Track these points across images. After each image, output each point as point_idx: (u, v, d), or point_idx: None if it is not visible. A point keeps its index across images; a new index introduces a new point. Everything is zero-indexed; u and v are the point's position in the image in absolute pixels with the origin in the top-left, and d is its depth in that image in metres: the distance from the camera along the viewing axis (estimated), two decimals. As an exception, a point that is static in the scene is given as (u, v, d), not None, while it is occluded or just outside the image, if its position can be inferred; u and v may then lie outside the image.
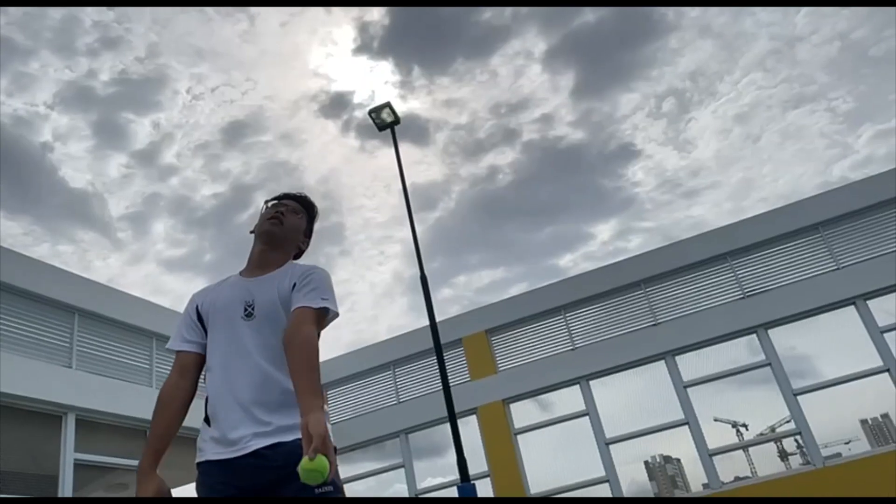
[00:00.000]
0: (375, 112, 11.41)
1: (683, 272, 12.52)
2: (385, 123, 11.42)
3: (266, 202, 2.43)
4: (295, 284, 2.12)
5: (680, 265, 12.50)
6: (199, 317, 2.23)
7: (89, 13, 20.37)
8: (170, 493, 1.97)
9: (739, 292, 12.00)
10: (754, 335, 11.57)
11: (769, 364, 11.25)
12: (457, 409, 9.61)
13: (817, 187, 26.22)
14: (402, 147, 11.53)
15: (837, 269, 11.48)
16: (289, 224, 2.31)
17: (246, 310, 2.11)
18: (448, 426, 9.44)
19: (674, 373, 11.80)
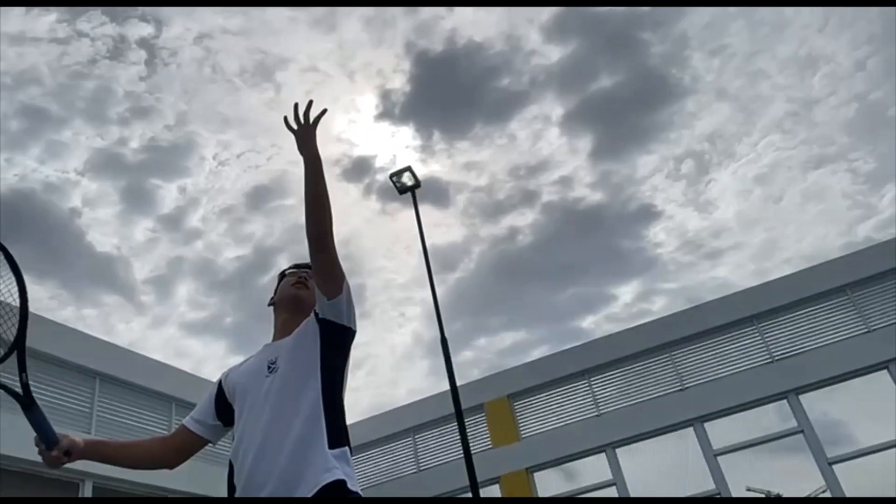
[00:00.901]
0: (396, 176, 11.56)
1: (709, 335, 12.28)
2: (406, 187, 11.55)
3: (283, 272, 2.42)
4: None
5: (706, 328, 12.28)
6: (221, 394, 2.19)
7: (122, 83, 21.33)
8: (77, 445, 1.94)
9: (768, 356, 11.71)
10: (784, 401, 11.23)
11: (801, 431, 10.87)
12: (479, 479, 9.34)
13: (842, 248, 25.76)
14: (423, 209, 11.64)
15: (868, 331, 11.19)
16: (313, 287, 2.25)
17: (269, 367, 2.08)
18: (470, 496, 9.16)
19: (703, 440, 11.44)
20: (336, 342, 2.09)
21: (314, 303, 2.16)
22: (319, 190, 2.03)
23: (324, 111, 2.17)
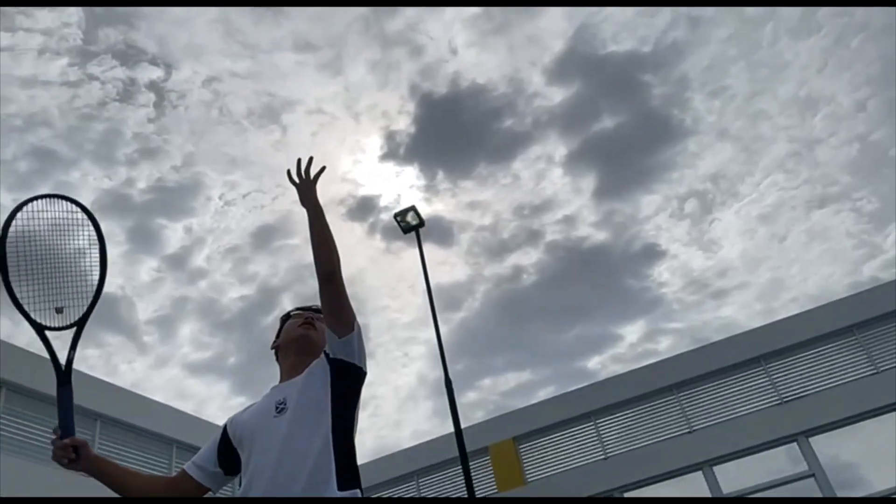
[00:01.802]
0: (401, 216, 11.60)
1: (717, 376, 12.14)
2: (410, 226, 11.59)
3: (287, 314, 2.42)
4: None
5: (713, 368, 12.15)
6: (225, 439, 2.15)
7: (131, 125, 21.61)
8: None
9: (776, 397, 11.56)
10: (794, 443, 11.03)
11: (813, 475, 10.65)
12: (484, 523, 9.15)
13: (848, 288, 25.62)
14: (427, 248, 11.65)
15: (876, 372, 11.06)
16: (320, 328, 2.26)
17: (277, 408, 2.05)
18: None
19: (712, 484, 11.21)
20: (347, 383, 2.07)
21: (322, 344, 2.16)
22: (324, 235, 2.12)
23: (323, 168, 2.30)
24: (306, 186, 2.25)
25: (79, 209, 2.23)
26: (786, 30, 22.31)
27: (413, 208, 11.55)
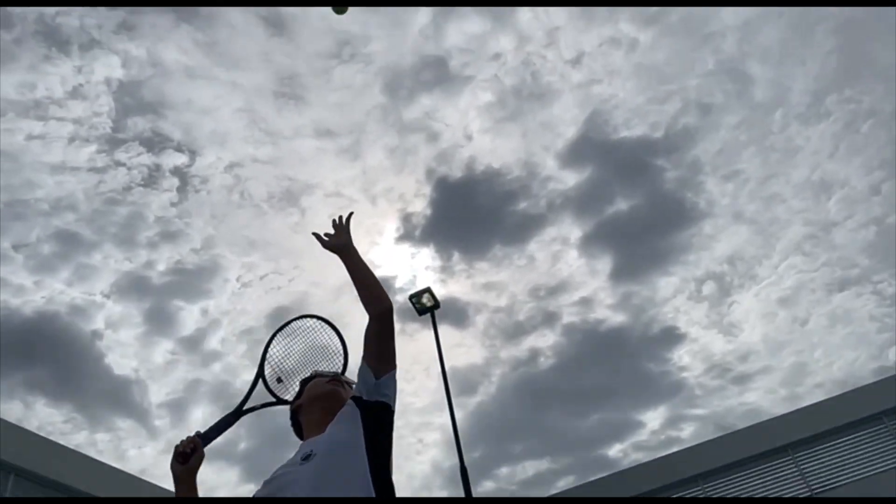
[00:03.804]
0: (416, 297, 11.59)
1: (743, 465, 11.68)
2: (425, 308, 11.54)
3: (308, 378, 2.44)
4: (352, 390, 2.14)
5: (739, 457, 11.70)
6: None
7: (154, 209, 22.16)
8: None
9: (805, 488, 11.05)
10: (829, 539, 10.48)
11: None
12: None
13: (874, 373, 24.93)
14: (442, 330, 11.56)
15: (912, 462, 10.59)
16: (346, 390, 2.31)
17: (304, 459, 2.01)
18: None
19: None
20: (381, 422, 2.05)
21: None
22: (367, 272, 2.23)
23: (351, 214, 2.45)
24: (340, 229, 2.36)
25: (317, 320, 2.77)
26: (795, 116, 22.73)
27: (428, 290, 11.55)
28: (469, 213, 25.61)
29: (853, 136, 22.05)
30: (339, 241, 2.33)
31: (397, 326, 2.42)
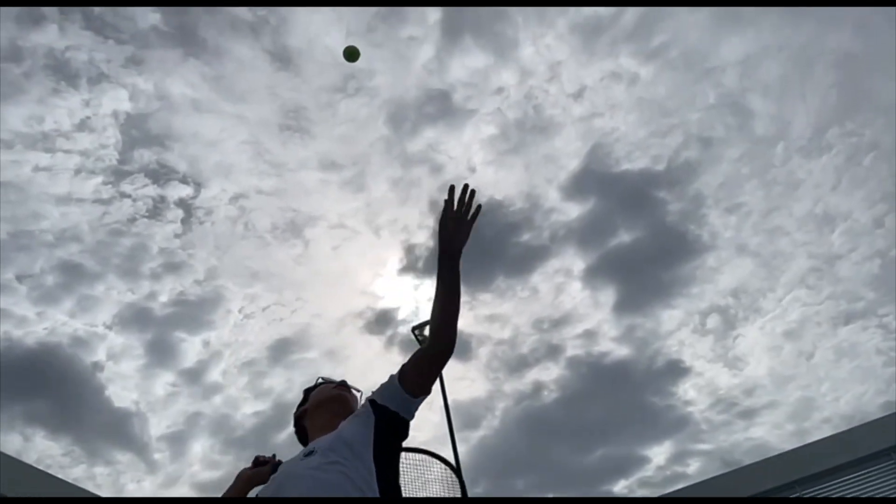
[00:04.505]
0: (419, 329, 11.53)
1: None
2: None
3: (313, 386, 2.41)
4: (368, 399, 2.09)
5: (747, 494, 11.50)
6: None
7: (158, 240, 22.32)
8: None
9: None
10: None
11: None
12: None
13: (882, 408, 24.69)
14: (445, 365, 11.46)
15: (923, 500, 10.40)
16: (354, 397, 2.30)
17: (306, 455, 1.99)
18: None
19: None
20: (394, 430, 2.01)
21: (354, 410, 2.15)
22: (458, 297, 2.00)
23: (479, 207, 2.10)
24: (460, 226, 2.01)
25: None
26: (796, 149, 22.83)
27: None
28: (472, 245, 25.57)
29: (855, 169, 22.13)
30: (459, 243, 2.00)
31: (399, 359, 2.38)
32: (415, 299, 25.45)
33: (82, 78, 20.00)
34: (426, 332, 11.50)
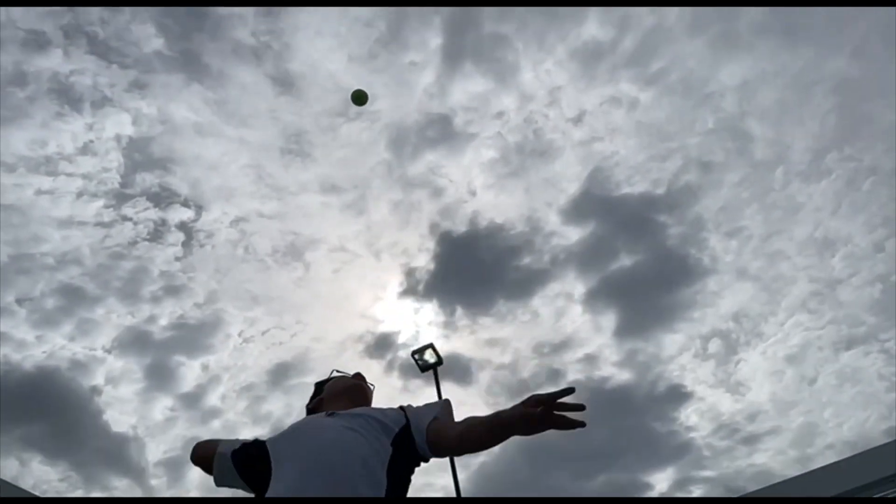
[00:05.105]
0: (419, 353, 11.49)
1: None
2: (428, 364, 11.43)
3: (326, 380, 2.41)
4: (402, 409, 2.07)
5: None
6: (259, 446, 2.08)
7: (158, 263, 22.32)
8: None
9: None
10: None
11: None
12: None
13: (885, 434, 24.51)
14: (445, 387, 11.41)
15: (929, 527, 10.25)
16: (370, 389, 2.31)
17: (329, 415, 2.04)
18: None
19: None
20: (410, 453, 1.98)
21: (370, 402, 2.22)
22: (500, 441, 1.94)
23: (573, 424, 1.92)
24: (542, 420, 1.82)
25: None
26: (796, 173, 22.92)
27: (431, 346, 11.46)
28: (472, 268, 25.65)
29: (855, 194, 22.20)
30: (527, 431, 1.85)
31: (399, 383, 2.36)
32: (415, 323, 25.39)
33: (86, 102, 20.19)
34: (426, 355, 11.47)
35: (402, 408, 2.07)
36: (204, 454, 2.18)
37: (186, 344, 23.96)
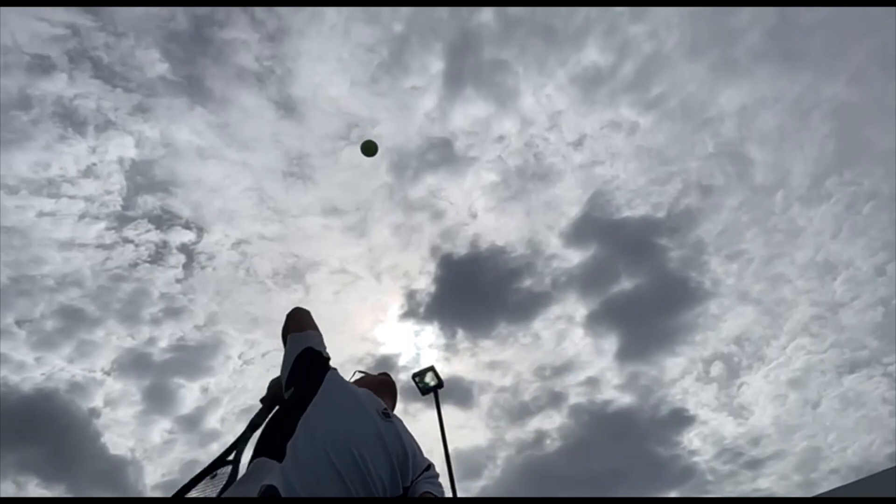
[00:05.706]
0: (419, 376, 11.44)
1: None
2: (428, 387, 11.38)
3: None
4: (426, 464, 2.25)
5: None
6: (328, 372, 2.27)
7: (158, 285, 22.42)
8: None
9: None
10: None
11: None
12: None
13: (889, 458, 24.27)
14: (446, 409, 11.35)
15: (936, 554, 10.12)
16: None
17: (382, 413, 2.21)
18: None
19: None
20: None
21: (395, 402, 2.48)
22: None
23: None
24: None
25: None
26: (796, 197, 23.01)
27: (432, 368, 11.42)
28: (473, 291, 25.63)
29: (855, 218, 22.25)
30: None
31: (400, 406, 2.46)
32: (415, 345, 25.30)
33: (89, 125, 20.34)
34: (427, 378, 11.41)
35: (430, 465, 2.25)
36: (315, 326, 2.57)
37: (186, 366, 23.86)
